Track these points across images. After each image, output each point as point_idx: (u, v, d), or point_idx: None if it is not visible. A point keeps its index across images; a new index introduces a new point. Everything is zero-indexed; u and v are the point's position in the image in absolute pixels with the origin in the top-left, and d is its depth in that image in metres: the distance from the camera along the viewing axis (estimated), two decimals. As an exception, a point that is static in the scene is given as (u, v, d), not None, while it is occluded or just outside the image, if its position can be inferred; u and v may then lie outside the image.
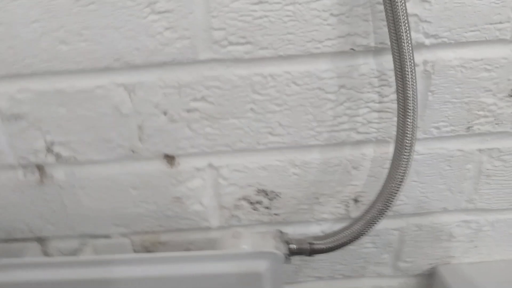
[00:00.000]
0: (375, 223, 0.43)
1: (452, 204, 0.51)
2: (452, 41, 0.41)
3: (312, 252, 0.43)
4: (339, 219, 0.52)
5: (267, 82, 0.43)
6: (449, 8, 0.40)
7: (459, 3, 0.39)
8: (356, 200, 0.50)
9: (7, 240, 0.52)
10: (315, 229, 0.52)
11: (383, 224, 0.52)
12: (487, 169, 0.49)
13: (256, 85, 0.43)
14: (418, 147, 0.47)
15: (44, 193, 0.48)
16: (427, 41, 0.41)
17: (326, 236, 0.44)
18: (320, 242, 0.43)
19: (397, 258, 0.55)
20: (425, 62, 0.42)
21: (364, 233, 0.43)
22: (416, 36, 0.41)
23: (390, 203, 0.42)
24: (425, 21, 0.40)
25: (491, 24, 0.40)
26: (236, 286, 0.40)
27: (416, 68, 0.42)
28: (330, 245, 0.43)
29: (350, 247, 0.53)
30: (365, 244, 0.54)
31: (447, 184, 0.49)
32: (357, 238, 0.43)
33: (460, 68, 0.42)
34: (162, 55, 0.41)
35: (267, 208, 0.50)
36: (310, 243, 0.43)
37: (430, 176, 0.49)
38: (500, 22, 0.40)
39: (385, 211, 0.42)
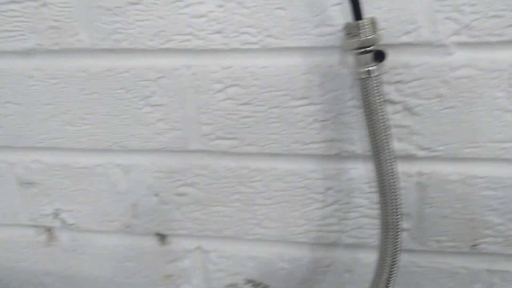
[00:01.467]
0: None
1: (459, 324, 0.46)
2: (449, 156, 0.38)
3: None
4: (331, 320, 0.49)
5: (253, 176, 0.43)
6: (443, 122, 0.37)
7: (455, 119, 0.37)
8: (349, 304, 0.47)
9: (19, 292, 0.56)
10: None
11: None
12: (500, 293, 0.43)
13: (242, 177, 0.43)
14: (417, 259, 0.43)
15: (51, 253, 0.52)
16: (420, 153, 0.39)
17: None
18: None
19: None
20: (419, 174, 0.39)
21: None
22: (407, 147, 0.38)
23: None
24: (417, 133, 0.38)
25: (493, 142, 0.37)
26: None
27: (410, 179, 0.40)
28: None
29: None
30: None
31: (451, 302, 0.45)
32: None
33: (460, 184, 0.39)
34: (155, 143, 0.43)
35: (255, 298, 0.49)
36: None
37: (432, 291, 0.45)
38: (504, 141, 0.36)
39: None
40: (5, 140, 0.47)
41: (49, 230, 0.51)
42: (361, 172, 0.40)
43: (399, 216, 0.37)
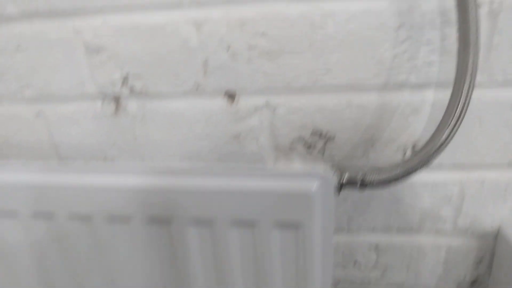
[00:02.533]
0: (427, 163, 0.42)
1: (519, 158, 0.49)
2: (524, -24, 0.39)
3: (364, 184, 0.43)
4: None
5: (325, 20, 0.44)
6: None
7: None
8: (414, 149, 0.50)
9: (85, 168, 0.58)
10: (369, 177, 0.53)
11: (443, 176, 0.51)
12: (560, 122, 0.46)
13: (315, 22, 0.44)
14: (482, 93, 0.45)
15: (118, 123, 0.53)
16: (495, -24, 0.40)
17: (379, 170, 0.44)
18: (373, 175, 0.44)
19: (457, 215, 0.54)
20: (491, 2, 0.41)
21: (416, 171, 0.43)
22: (483, -31, 0.40)
23: (443, 145, 0.41)
24: (494, -47, 0.39)
25: None
26: (286, 205, 0.41)
27: (481, 9, 0.41)
28: (381, 178, 0.43)
29: (407, 200, 0.52)
30: (423, 196, 0.53)
31: (513, 136, 0.47)
32: (409, 175, 0.43)
33: (532, 5, 0.40)
34: (227, -9, 0.44)
35: (321, 151, 0.51)
36: (363, 174, 0.44)
37: (495, 125, 0.47)
38: None
39: (438, 153, 0.42)
40: (71, 4, 0.47)
41: (117, 99, 0.52)
42: (434, 3, 0.42)
43: (477, 46, 0.38)
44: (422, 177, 0.51)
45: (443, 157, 0.50)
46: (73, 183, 0.44)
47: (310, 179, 0.40)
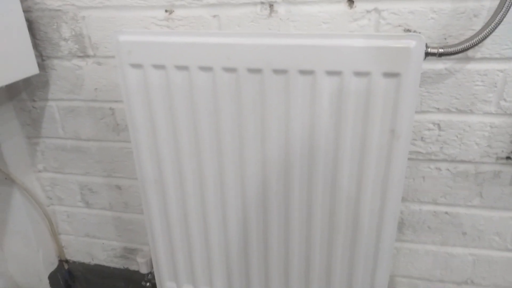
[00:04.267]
0: (477, 44, 0.67)
1: (546, 50, 0.72)
2: None
3: (441, 53, 0.68)
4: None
5: None
6: None
7: None
8: (473, 42, 0.74)
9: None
10: (440, 67, 0.77)
11: (491, 65, 0.75)
12: None
13: (415, -50, 0.69)
14: (523, 1, 0.69)
15: (268, 24, 0.80)
16: None
17: (450, 45, 0.68)
18: (446, 48, 0.68)
19: (500, 97, 0.77)
20: None
21: (480, 41, 0.67)
22: None
23: (487, 34, 0.66)
24: None
25: None
26: (391, 57, 0.65)
27: None
28: (452, 50, 0.67)
29: (466, 84, 0.76)
30: (476, 82, 0.77)
31: (543, 33, 0.71)
32: (467, 49, 0.67)
33: None
34: None
35: (409, 43, 0.76)
36: (441, 47, 0.68)
37: (530, 25, 0.71)
38: None
39: (484, 38, 0.66)
40: None
41: (271, 5, 0.78)
42: None
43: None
44: (476, 66, 0.75)
45: (492, 50, 0.73)
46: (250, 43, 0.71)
47: (410, 39, 0.65)
